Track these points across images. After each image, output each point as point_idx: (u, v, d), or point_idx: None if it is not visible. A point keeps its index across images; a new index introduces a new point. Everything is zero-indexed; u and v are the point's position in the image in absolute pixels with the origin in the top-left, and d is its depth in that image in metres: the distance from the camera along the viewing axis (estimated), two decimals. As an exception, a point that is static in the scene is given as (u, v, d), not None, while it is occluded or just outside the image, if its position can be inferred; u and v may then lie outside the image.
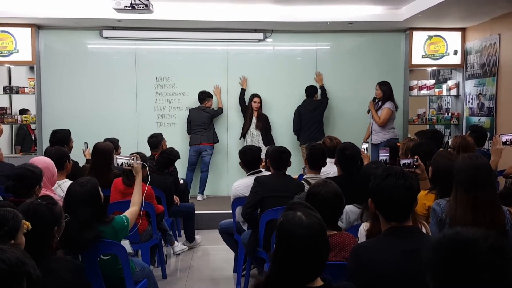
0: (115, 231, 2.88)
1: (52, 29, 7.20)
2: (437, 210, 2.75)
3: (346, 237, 2.62)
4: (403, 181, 2.08)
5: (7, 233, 1.89)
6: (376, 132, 6.63)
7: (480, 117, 6.89)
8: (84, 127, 7.14)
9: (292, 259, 1.75)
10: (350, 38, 7.62)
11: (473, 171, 2.66)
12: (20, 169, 3.12)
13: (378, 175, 2.15)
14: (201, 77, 7.42)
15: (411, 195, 2.12)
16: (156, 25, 7.02)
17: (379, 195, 2.11)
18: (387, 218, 2.11)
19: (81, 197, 2.77)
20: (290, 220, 1.78)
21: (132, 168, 3.58)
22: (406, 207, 2.10)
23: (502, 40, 6.39)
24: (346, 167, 3.73)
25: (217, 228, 4.80)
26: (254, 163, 4.34)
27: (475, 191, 2.63)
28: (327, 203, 2.59)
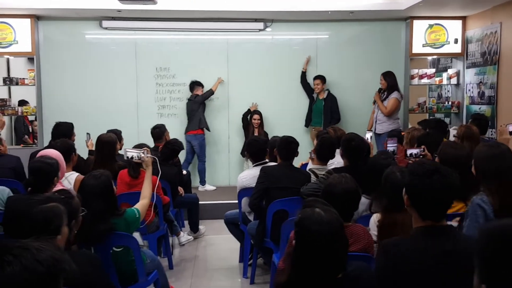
0: (127, 224, 2.91)
1: (52, 20, 7.14)
2: (487, 209, 2.57)
3: (359, 229, 2.64)
4: (448, 180, 1.97)
5: (53, 231, 1.96)
6: (381, 122, 6.66)
7: (480, 106, 6.92)
8: (85, 118, 7.11)
9: (314, 255, 1.79)
10: (350, 27, 7.60)
11: (497, 159, 2.66)
12: (37, 163, 3.12)
13: (419, 172, 2.01)
14: (201, 67, 7.40)
15: (454, 194, 2.04)
16: (156, 15, 6.98)
17: (420, 193, 1.99)
18: (423, 216, 2.00)
19: (95, 190, 2.80)
20: (310, 216, 1.82)
21: (143, 162, 3.58)
22: (445, 207, 2.02)
23: (503, 29, 6.39)
24: (353, 158, 3.74)
25: (220, 218, 4.83)
26: (261, 155, 4.36)
27: (501, 177, 2.64)
28: (345, 198, 2.62)
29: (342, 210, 2.62)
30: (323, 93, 7.25)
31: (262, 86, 7.48)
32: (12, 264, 1.12)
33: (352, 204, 2.71)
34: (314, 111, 7.30)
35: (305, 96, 7.50)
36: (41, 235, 1.93)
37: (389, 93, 6.67)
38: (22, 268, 1.12)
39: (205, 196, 6.60)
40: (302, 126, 7.45)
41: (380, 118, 6.73)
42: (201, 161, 7.18)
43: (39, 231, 1.96)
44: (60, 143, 4.05)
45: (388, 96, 6.68)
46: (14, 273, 1.12)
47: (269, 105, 7.46)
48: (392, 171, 2.84)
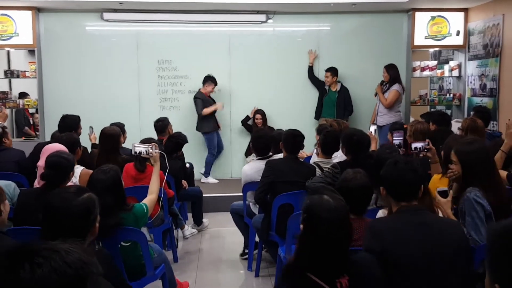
0: (136, 218, 2.93)
1: (52, 12, 7.10)
2: (484, 204, 2.63)
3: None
4: (410, 165, 2.36)
5: (94, 220, 2.06)
6: (382, 114, 6.68)
7: (482, 98, 6.93)
8: (86, 111, 7.04)
9: (322, 240, 1.87)
10: (351, 18, 7.57)
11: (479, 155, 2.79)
12: (54, 157, 3.14)
13: (388, 163, 2.44)
14: (203, 59, 7.38)
15: (417, 176, 2.36)
16: (157, 7, 6.95)
17: (388, 178, 2.38)
18: (397, 198, 2.36)
19: (104, 184, 2.81)
20: (318, 203, 1.91)
21: (151, 157, 3.58)
22: (412, 187, 2.34)
23: (506, 21, 6.39)
24: (355, 153, 3.75)
25: (223, 210, 4.85)
26: (266, 150, 4.38)
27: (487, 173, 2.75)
28: (360, 193, 2.70)
29: (357, 205, 2.68)
30: (335, 85, 7.24)
31: (264, 78, 7.46)
32: (42, 266, 1.12)
33: (366, 199, 2.78)
34: (326, 103, 7.26)
35: (309, 88, 7.48)
36: (82, 226, 2.02)
37: (390, 86, 6.69)
38: (52, 270, 1.13)
39: (208, 188, 6.61)
40: (307, 118, 7.42)
41: (381, 110, 6.75)
42: (210, 153, 7.19)
43: (81, 223, 2.02)
44: (65, 137, 4.05)
45: (389, 88, 6.69)
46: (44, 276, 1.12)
47: (272, 97, 7.45)
48: (395, 161, 2.87)
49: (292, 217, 3.36)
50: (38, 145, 4.65)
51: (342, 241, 1.90)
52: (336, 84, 7.23)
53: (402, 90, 6.76)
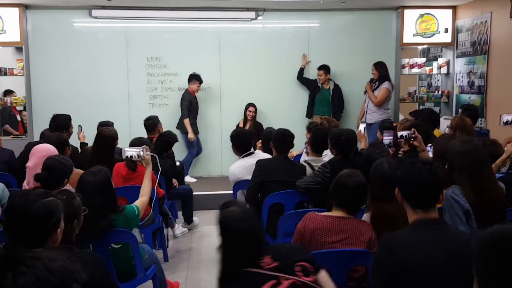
0: (127, 220, 2.93)
1: (40, 9, 7.02)
2: (460, 200, 2.67)
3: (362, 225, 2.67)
4: (428, 166, 2.11)
5: (55, 224, 1.97)
6: (371, 112, 6.71)
7: (470, 95, 6.99)
8: (75, 108, 7.01)
9: (237, 247, 2.02)
10: (341, 16, 7.59)
11: (472, 154, 2.74)
12: (53, 160, 3.13)
13: (408, 162, 2.20)
14: (193, 57, 7.36)
15: (437, 180, 2.12)
16: (147, 4, 6.91)
17: (407, 180, 2.14)
18: (413, 205, 2.12)
19: (94, 186, 2.81)
20: (229, 215, 2.06)
21: (143, 160, 3.56)
22: (432, 193, 2.11)
23: (494, 19, 6.44)
24: (344, 152, 3.77)
25: (213, 208, 4.83)
26: (247, 146, 4.39)
27: (476, 174, 2.72)
28: (356, 192, 2.68)
29: (352, 203, 2.69)
30: (328, 83, 7.26)
31: (255, 75, 7.45)
32: (25, 275, 1.12)
33: (362, 197, 2.78)
34: (319, 101, 7.28)
35: (300, 85, 7.50)
36: (42, 229, 1.94)
37: (380, 83, 6.72)
38: (35, 279, 1.12)
39: (198, 186, 6.61)
40: (297, 115, 7.43)
41: (370, 108, 6.78)
42: (189, 153, 7.16)
43: (40, 227, 1.95)
44: (54, 137, 4.04)
45: (379, 86, 6.72)
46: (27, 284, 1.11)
47: (262, 94, 7.45)
48: (380, 162, 2.90)
49: (283, 217, 3.38)
50: (28, 144, 4.61)
51: (255, 246, 2.02)
52: (329, 82, 7.25)
53: (392, 87, 6.80)
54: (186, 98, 6.98)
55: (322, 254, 2.48)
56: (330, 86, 7.26)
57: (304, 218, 2.63)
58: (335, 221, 2.58)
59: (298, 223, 2.64)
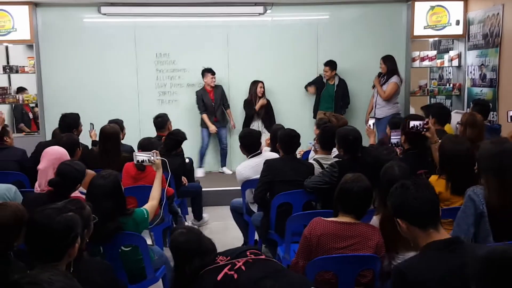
0: (136, 223, 2.97)
1: (50, 6, 7.07)
2: (477, 200, 2.65)
3: (371, 230, 2.67)
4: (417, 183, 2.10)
5: (73, 239, 2.01)
6: (381, 106, 6.67)
7: (482, 88, 6.91)
8: (85, 105, 7.11)
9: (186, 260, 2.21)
10: (351, 9, 7.52)
11: (499, 156, 2.68)
12: (67, 166, 3.16)
13: (392, 193, 2.14)
14: (201, 52, 7.36)
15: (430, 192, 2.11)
16: (155, 0, 6.91)
17: (404, 207, 2.08)
18: (423, 226, 2.05)
19: (104, 190, 2.86)
20: (174, 238, 2.30)
21: (153, 164, 3.60)
22: (432, 206, 2.08)
23: (506, 11, 6.33)
24: (351, 152, 3.76)
25: (223, 204, 4.88)
26: (255, 146, 4.40)
27: (503, 175, 2.66)
28: (361, 196, 2.68)
29: (358, 208, 2.69)
30: (333, 79, 7.22)
31: (263, 70, 7.42)
32: None
33: (368, 202, 2.78)
34: (323, 97, 7.24)
35: (308, 80, 7.45)
36: (61, 244, 2.00)
37: (388, 77, 6.67)
38: None
39: (208, 182, 6.63)
40: (307, 110, 7.43)
41: (379, 103, 6.73)
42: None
43: (60, 242, 2.00)
44: (65, 138, 4.08)
45: (387, 80, 6.67)
46: None
47: (271, 89, 7.43)
48: (390, 165, 2.89)
49: (291, 219, 3.39)
50: (39, 144, 4.66)
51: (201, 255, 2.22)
52: (334, 77, 7.21)
53: (401, 81, 6.74)
54: (197, 95, 7.08)
55: (330, 259, 2.49)
56: (335, 81, 7.22)
57: (310, 223, 2.63)
58: (342, 227, 2.58)
59: (304, 229, 2.65)
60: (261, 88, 7.16)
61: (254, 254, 2.22)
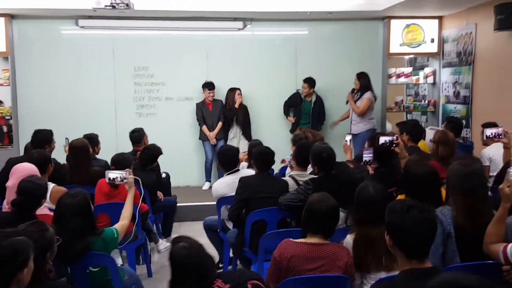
0: (105, 243, 2.92)
1: (26, 18, 7.00)
2: (444, 221, 2.66)
3: (339, 249, 2.67)
4: (426, 214, 2.02)
5: (21, 264, 1.97)
6: (356, 122, 6.74)
7: (456, 105, 7.04)
8: (62, 118, 7.06)
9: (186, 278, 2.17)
10: (328, 25, 7.62)
11: (468, 178, 2.70)
12: (28, 183, 3.10)
13: (397, 209, 2.06)
14: (180, 66, 7.36)
15: (434, 228, 2.08)
16: (134, 14, 6.88)
17: (400, 229, 2.02)
18: (409, 256, 2.02)
19: (73, 208, 2.81)
20: (177, 251, 2.21)
21: (126, 183, 3.54)
22: (427, 241, 2.05)
23: (478, 30, 6.49)
24: (325, 169, 3.78)
25: (199, 219, 4.85)
26: (232, 164, 4.39)
27: (471, 197, 2.69)
28: (328, 215, 2.68)
29: (326, 227, 2.69)
30: (310, 96, 7.28)
31: (242, 84, 7.42)
32: None
33: (334, 220, 2.78)
34: (301, 113, 7.32)
35: (287, 93, 7.48)
36: (6, 268, 1.95)
37: (362, 93, 6.74)
38: None
39: (184, 197, 6.57)
40: (286, 124, 7.49)
41: (354, 119, 6.81)
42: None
43: (6, 264, 1.96)
44: (36, 154, 4.01)
45: (361, 96, 6.74)
46: None
47: (250, 102, 7.45)
48: (365, 185, 2.90)
49: (264, 237, 3.38)
50: (10, 160, 4.57)
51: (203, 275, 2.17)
52: (312, 94, 7.27)
53: (374, 98, 6.80)
54: (197, 107, 7.22)
55: (299, 280, 2.49)
56: (312, 98, 7.29)
57: (279, 246, 2.63)
58: (311, 248, 2.59)
59: (274, 252, 2.64)
60: (239, 96, 7.20)
61: (255, 286, 2.13)
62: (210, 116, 7.18)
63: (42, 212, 3.37)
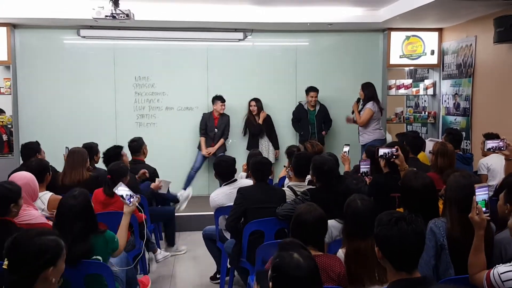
0: (105, 241, 2.98)
1: (28, 28, 7.03)
2: (437, 233, 2.67)
3: (332, 260, 2.66)
4: (413, 226, 2.02)
5: (47, 262, 2.07)
6: (362, 133, 6.73)
7: (456, 117, 7.04)
8: (62, 127, 7.10)
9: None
10: (329, 36, 7.66)
11: (466, 190, 2.67)
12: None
13: (384, 221, 2.06)
14: (181, 76, 7.39)
15: (422, 239, 2.08)
16: (135, 24, 6.91)
17: (389, 241, 2.03)
18: (397, 267, 2.04)
19: (75, 210, 2.85)
20: (288, 263, 1.86)
21: (126, 206, 3.40)
22: (416, 253, 2.06)
23: (478, 42, 6.51)
24: (326, 181, 3.77)
25: (198, 229, 4.83)
26: (229, 174, 4.38)
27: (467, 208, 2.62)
28: (316, 226, 2.69)
29: (314, 238, 2.69)
30: (315, 105, 7.29)
31: (243, 94, 7.45)
32: None
33: (322, 230, 2.80)
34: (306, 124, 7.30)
35: (288, 103, 7.54)
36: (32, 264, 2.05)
37: (365, 104, 6.74)
38: None
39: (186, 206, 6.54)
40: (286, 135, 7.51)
41: (361, 129, 6.79)
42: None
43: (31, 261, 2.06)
44: (35, 163, 4.03)
45: (364, 106, 6.74)
46: None
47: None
48: (353, 199, 2.89)
49: (261, 247, 3.37)
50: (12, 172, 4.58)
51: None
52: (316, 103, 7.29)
53: (377, 108, 6.74)
54: (203, 117, 7.24)
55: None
56: (316, 107, 7.29)
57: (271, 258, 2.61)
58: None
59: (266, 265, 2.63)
60: (252, 107, 7.22)
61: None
62: (213, 129, 7.18)
63: (40, 221, 3.37)
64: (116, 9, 4.73)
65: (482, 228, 2.45)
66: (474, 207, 2.46)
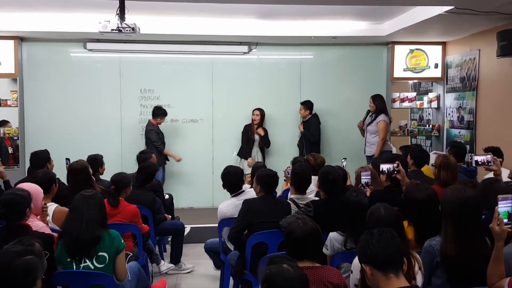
0: (111, 238, 3.07)
1: (35, 41, 7.14)
2: (432, 253, 2.71)
3: (330, 272, 2.64)
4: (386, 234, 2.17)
5: (32, 282, 2.07)
6: (369, 144, 6.76)
7: (460, 130, 7.04)
8: (68, 140, 7.16)
9: None
10: (333, 49, 7.73)
11: (461, 204, 2.67)
12: (8, 195, 3.14)
13: (363, 238, 2.21)
14: (186, 89, 7.45)
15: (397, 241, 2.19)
16: (141, 38, 6.99)
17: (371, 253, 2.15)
18: (384, 270, 2.13)
19: (90, 201, 3.06)
20: (277, 273, 1.95)
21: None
22: (396, 254, 2.15)
23: (482, 56, 6.54)
24: (330, 191, 3.78)
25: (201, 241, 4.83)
26: (237, 186, 4.39)
27: (461, 222, 2.66)
28: (307, 239, 2.66)
29: (308, 251, 2.68)
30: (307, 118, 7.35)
31: (247, 107, 7.49)
32: None
33: (316, 243, 2.75)
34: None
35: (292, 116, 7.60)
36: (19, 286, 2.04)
37: (376, 116, 6.76)
38: None
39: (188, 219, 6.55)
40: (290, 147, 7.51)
41: (369, 140, 6.82)
42: None
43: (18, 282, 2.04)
44: (41, 174, 4.04)
45: (375, 118, 6.75)
46: None
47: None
48: (376, 207, 2.86)
49: (263, 260, 3.36)
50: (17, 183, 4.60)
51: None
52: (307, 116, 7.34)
53: (389, 120, 6.83)
54: (153, 130, 7.06)
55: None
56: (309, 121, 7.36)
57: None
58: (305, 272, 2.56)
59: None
60: (257, 116, 7.26)
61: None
62: (162, 139, 7.19)
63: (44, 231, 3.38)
64: (122, 22, 4.79)
65: (502, 239, 2.47)
66: (495, 217, 2.47)
